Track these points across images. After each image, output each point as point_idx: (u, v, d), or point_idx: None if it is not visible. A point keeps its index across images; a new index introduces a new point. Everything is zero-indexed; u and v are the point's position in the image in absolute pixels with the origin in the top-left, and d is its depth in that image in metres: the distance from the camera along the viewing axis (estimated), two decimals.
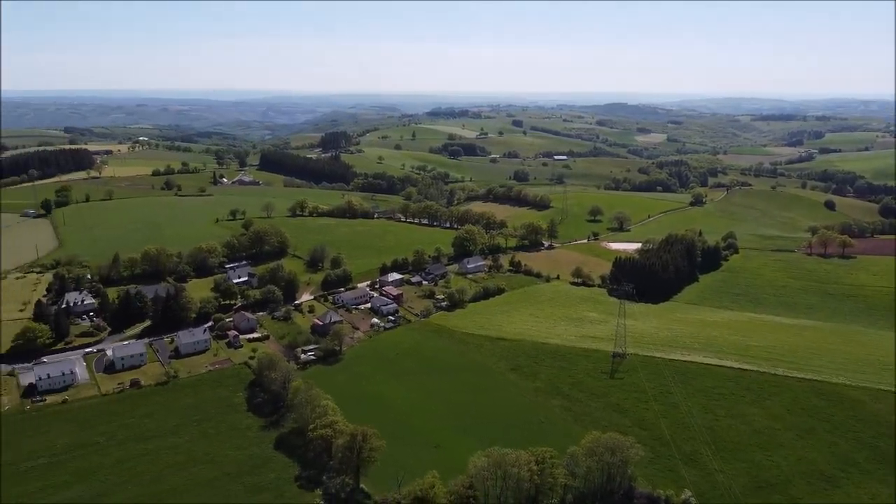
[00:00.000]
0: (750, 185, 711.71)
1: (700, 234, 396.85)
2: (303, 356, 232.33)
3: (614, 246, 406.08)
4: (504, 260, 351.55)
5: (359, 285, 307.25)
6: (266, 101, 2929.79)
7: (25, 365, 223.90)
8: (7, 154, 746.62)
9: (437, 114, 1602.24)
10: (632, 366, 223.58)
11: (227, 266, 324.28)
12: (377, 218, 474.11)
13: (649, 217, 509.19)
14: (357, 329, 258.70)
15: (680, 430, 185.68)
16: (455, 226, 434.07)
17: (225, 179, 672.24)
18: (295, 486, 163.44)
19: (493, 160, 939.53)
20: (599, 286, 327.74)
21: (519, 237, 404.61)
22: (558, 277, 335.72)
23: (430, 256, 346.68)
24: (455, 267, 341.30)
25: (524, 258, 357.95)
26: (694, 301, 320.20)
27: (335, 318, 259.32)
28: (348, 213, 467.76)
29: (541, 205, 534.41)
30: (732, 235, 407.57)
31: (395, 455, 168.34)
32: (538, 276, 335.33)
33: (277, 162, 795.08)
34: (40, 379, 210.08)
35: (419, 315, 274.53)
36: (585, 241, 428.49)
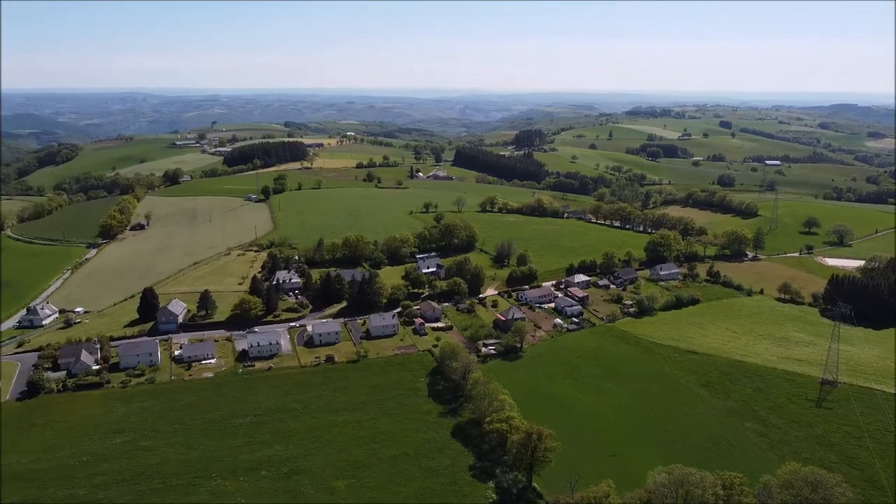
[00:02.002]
0: None
1: None
2: (483, 349, 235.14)
3: (831, 262, 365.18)
4: (701, 269, 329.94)
5: (543, 284, 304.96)
6: (464, 99, 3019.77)
7: (240, 332, 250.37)
8: (237, 145, 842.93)
9: (636, 113, 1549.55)
10: (843, 395, 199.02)
11: (418, 256, 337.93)
12: (566, 217, 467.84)
13: (877, 232, 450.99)
14: (539, 328, 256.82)
15: None
16: (649, 230, 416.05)
17: (420, 174, 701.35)
18: (468, 474, 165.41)
19: (696, 163, 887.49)
20: (810, 305, 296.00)
21: (719, 246, 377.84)
22: (762, 292, 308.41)
23: (619, 260, 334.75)
24: (646, 273, 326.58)
25: (724, 268, 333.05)
26: None
27: (518, 314, 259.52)
28: (537, 211, 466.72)
29: (747, 212, 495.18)
30: None
31: (569, 458, 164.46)
32: (738, 288, 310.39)
33: (471, 158, 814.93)
34: (251, 346, 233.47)
35: (604, 319, 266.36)
36: (797, 254, 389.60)
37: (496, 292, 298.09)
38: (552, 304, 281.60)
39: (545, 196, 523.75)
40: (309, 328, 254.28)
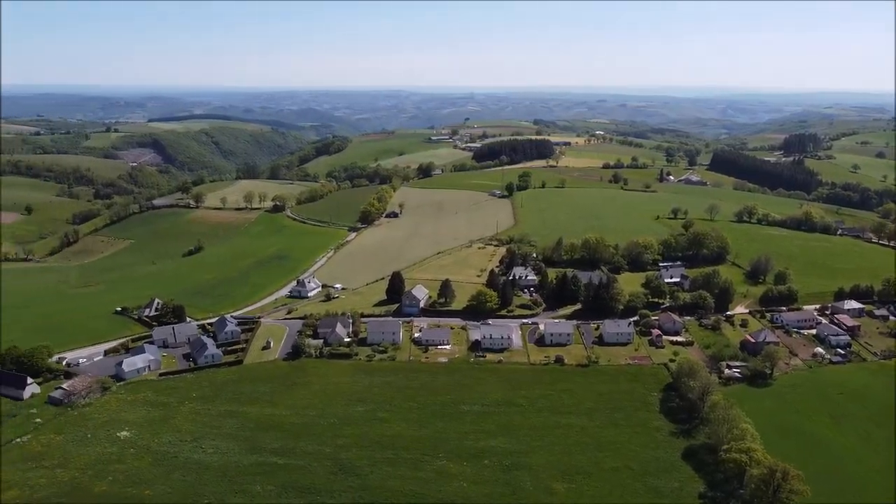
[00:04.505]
0: None
1: None
2: (727, 371, 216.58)
3: None
4: None
5: (804, 307, 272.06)
6: (727, 99, 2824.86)
7: (474, 323, 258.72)
8: (487, 142, 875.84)
9: None
10: None
11: (661, 264, 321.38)
12: (840, 235, 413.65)
13: None
14: (795, 355, 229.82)
15: None
16: None
17: (671, 177, 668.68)
18: (698, 502, 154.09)
19: None
20: None
21: None
22: None
23: None
24: None
25: None
26: None
27: (770, 338, 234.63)
28: (804, 225, 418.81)
29: None
30: None
31: None
32: None
33: (729, 162, 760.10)
34: (484, 337, 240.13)
35: (879, 355, 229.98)
36: None
37: (746, 311, 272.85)
38: (813, 331, 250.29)
39: (815, 209, 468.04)
40: (541, 327, 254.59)
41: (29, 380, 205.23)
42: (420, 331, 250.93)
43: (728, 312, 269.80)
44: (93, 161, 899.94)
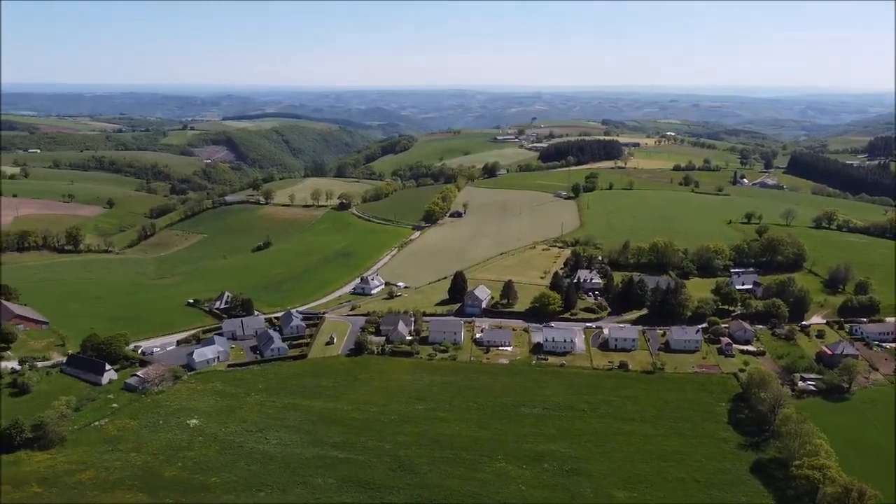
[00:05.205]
0: None
1: None
2: (800, 383, 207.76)
3: None
4: None
5: (887, 319, 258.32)
6: (806, 99, 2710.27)
7: (537, 325, 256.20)
8: (553, 142, 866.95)
9: None
10: None
11: (732, 270, 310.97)
12: None
13: None
14: (875, 369, 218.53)
15: None
16: None
17: (745, 180, 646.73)
18: None
19: None
20: None
21: None
22: None
23: None
24: None
25: None
26: None
27: (849, 350, 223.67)
28: (888, 232, 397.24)
29: None
30: None
31: None
32: None
33: (808, 165, 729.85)
34: (546, 340, 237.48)
35: None
36: None
37: (823, 321, 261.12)
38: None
39: None
40: (605, 331, 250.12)
41: (107, 366, 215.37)
42: (482, 331, 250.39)
43: (803, 322, 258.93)
44: (170, 157, 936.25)
